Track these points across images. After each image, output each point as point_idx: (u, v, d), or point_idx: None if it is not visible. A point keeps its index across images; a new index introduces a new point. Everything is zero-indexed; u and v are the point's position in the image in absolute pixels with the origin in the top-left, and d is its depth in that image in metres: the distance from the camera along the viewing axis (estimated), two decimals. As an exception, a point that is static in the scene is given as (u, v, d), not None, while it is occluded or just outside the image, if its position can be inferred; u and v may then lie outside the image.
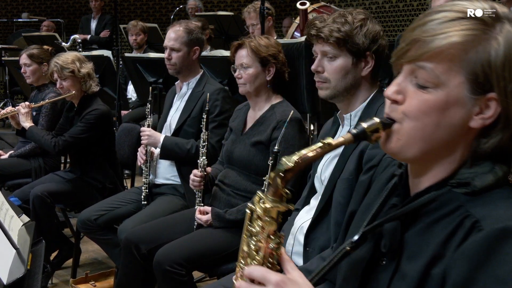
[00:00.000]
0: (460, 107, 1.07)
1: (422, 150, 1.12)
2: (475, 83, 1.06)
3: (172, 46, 3.37)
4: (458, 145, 1.11)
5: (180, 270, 2.61)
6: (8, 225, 1.88)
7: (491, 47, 1.04)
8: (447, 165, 1.13)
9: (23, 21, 10.75)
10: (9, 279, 1.62)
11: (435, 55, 1.06)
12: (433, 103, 1.08)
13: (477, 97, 1.06)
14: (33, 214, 3.65)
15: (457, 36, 1.05)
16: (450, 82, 1.07)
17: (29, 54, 4.48)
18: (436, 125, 1.09)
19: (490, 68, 1.04)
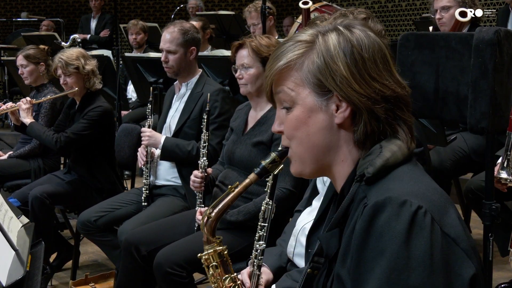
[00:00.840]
0: (318, 112, 1.24)
1: (313, 160, 1.28)
2: (318, 89, 1.23)
3: (168, 48, 3.35)
4: (339, 143, 1.25)
5: (180, 272, 2.61)
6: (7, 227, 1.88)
7: (314, 57, 1.23)
8: (342, 163, 1.27)
9: (22, 21, 10.75)
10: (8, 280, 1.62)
11: (279, 78, 1.27)
12: (296, 118, 1.26)
13: (326, 98, 1.23)
14: (32, 215, 3.65)
15: (287, 58, 1.25)
16: (301, 96, 1.25)
17: (25, 55, 4.47)
18: (308, 135, 1.25)
19: (320, 73, 1.22)
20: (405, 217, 1.09)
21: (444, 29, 3.91)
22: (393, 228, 1.09)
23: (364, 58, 1.22)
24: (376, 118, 1.22)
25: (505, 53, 2.11)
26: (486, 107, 2.11)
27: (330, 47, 1.22)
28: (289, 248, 2.25)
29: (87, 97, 3.90)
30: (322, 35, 1.25)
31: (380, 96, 1.21)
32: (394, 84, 1.24)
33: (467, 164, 3.78)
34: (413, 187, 1.16)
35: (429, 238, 1.09)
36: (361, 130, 1.22)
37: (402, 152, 1.22)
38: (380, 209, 1.11)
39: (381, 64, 1.24)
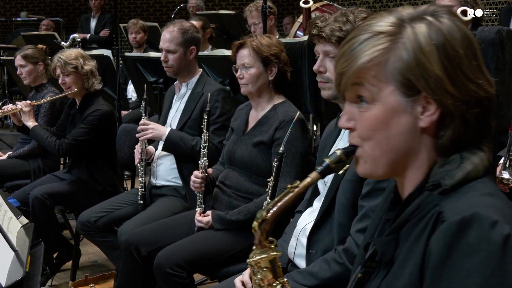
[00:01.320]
0: (402, 113, 1.13)
1: (388, 164, 1.17)
2: (404, 88, 1.11)
3: (168, 48, 3.35)
4: (420, 147, 1.15)
5: (181, 272, 2.61)
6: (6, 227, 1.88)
7: (400, 52, 1.11)
8: (417, 169, 1.17)
9: (22, 20, 10.75)
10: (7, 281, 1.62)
11: (358, 82, 1.14)
12: (375, 119, 1.14)
13: (412, 99, 1.11)
14: (33, 215, 3.66)
15: (369, 54, 1.12)
16: (383, 93, 1.13)
17: (23, 55, 4.48)
18: (388, 138, 1.14)
19: (407, 71, 1.10)
20: (497, 240, 1.00)
21: (446, 28, 3.89)
22: (484, 250, 0.99)
23: (459, 54, 1.09)
24: (466, 124, 1.11)
25: (507, 53, 2.11)
26: (488, 107, 2.10)
27: (421, 41, 1.09)
28: (290, 249, 2.24)
29: (86, 98, 3.91)
30: (409, 26, 1.11)
31: (475, 99, 1.09)
32: (486, 83, 1.12)
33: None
34: (496, 204, 1.06)
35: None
36: (448, 136, 1.11)
37: (483, 165, 1.12)
38: (468, 226, 1.01)
39: (474, 61, 1.11)
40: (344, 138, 2.17)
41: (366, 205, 1.94)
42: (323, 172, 1.26)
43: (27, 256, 1.82)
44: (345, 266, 1.95)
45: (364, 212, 1.94)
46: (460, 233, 1.01)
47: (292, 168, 2.67)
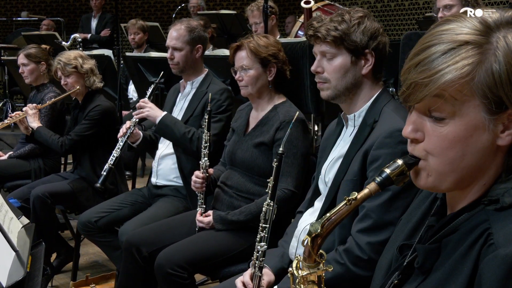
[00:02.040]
0: (482, 130, 1.06)
1: (455, 180, 1.11)
2: (489, 104, 1.04)
3: (174, 45, 3.37)
4: (490, 165, 1.09)
5: (182, 273, 2.61)
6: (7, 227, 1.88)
7: (491, 66, 1.02)
8: (481, 186, 1.11)
9: (23, 20, 10.76)
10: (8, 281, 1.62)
11: (439, 94, 1.05)
12: (453, 136, 1.07)
13: (496, 117, 1.05)
14: (33, 215, 3.66)
15: (458, 70, 1.03)
16: (465, 109, 1.05)
17: (27, 53, 4.50)
18: (463, 155, 1.08)
19: (497, 86, 1.02)
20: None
21: (447, 28, 3.90)
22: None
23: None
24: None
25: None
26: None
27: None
28: (291, 249, 2.24)
29: (88, 96, 3.96)
30: (500, 35, 1.03)
31: None
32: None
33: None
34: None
35: None
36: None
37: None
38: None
39: None
40: (344, 138, 2.17)
41: (366, 205, 1.94)
42: (383, 184, 1.19)
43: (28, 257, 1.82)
44: (346, 266, 1.95)
45: (365, 212, 1.95)
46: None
47: (293, 168, 2.67)
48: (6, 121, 4.21)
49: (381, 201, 1.91)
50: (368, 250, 1.92)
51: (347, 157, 2.07)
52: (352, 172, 2.02)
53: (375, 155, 1.95)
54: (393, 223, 1.89)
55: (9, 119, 4.18)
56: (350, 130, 2.15)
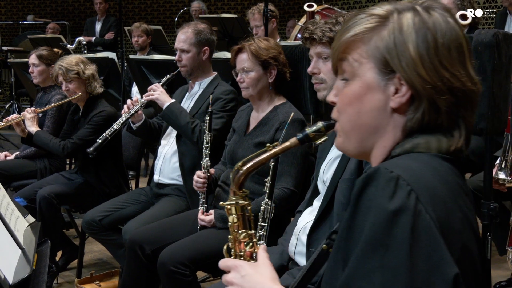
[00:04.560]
0: (376, 90, 1.16)
1: (358, 140, 1.21)
2: (382, 66, 1.15)
3: (181, 47, 3.38)
4: (388, 127, 1.17)
5: (184, 270, 2.61)
6: (14, 226, 1.89)
7: (385, 34, 1.15)
8: (382, 148, 1.19)
9: (29, 24, 10.77)
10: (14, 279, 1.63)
11: (346, 47, 1.19)
12: (351, 93, 1.19)
13: (387, 78, 1.15)
14: (40, 214, 3.66)
15: (358, 29, 1.18)
16: (362, 69, 1.17)
17: (39, 54, 4.50)
18: (359, 112, 1.18)
19: (387, 51, 1.14)
20: (390, 192, 1.03)
21: (443, 31, 3.90)
22: (377, 204, 1.03)
23: (437, 42, 1.13)
24: (436, 110, 1.13)
25: (503, 55, 2.11)
26: (485, 108, 2.11)
27: (403, 26, 1.14)
28: (291, 247, 2.25)
29: (90, 102, 3.92)
30: (398, 13, 1.16)
31: (446, 87, 1.12)
32: (465, 77, 1.14)
33: (466, 165, 3.76)
34: (416, 167, 1.08)
35: (411, 220, 1.01)
36: (417, 118, 1.14)
37: (438, 146, 1.13)
38: (369, 181, 1.06)
39: (455, 53, 1.14)
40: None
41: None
42: (302, 140, 1.37)
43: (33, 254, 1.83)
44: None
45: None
46: (362, 190, 1.06)
47: (293, 168, 2.67)
48: (2, 123, 4.10)
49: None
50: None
51: (344, 156, 2.07)
52: (349, 171, 2.02)
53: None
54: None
55: (4, 121, 4.09)
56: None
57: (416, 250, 1.00)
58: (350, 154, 1.28)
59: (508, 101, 2.18)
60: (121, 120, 3.43)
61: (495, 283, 3.47)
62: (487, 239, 2.25)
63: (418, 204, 1.02)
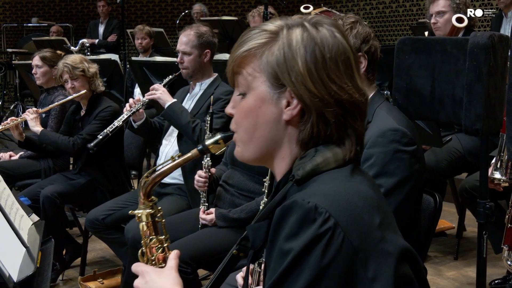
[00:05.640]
0: (269, 103, 1.20)
1: (255, 150, 1.25)
2: (273, 80, 1.19)
3: (184, 50, 3.38)
4: (283, 139, 1.22)
5: (185, 268, 2.61)
6: (18, 225, 1.89)
7: (275, 49, 1.19)
8: (281, 160, 1.24)
9: (33, 26, 10.77)
10: (19, 276, 1.63)
11: (241, 62, 1.23)
12: (247, 107, 1.23)
13: (279, 92, 1.19)
14: (43, 214, 3.66)
15: (251, 45, 1.21)
16: (255, 83, 1.21)
17: (42, 56, 4.50)
18: (255, 125, 1.22)
19: (277, 65, 1.18)
20: (308, 223, 1.07)
21: (439, 33, 3.91)
22: (296, 234, 1.08)
23: (325, 57, 1.17)
24: (325, 122, 1.17)
25: (499, 57, 2.11)
26: (481, 109, 2.10)
27: (292, 41, 1.18)
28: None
29: (93, 100, 3.91)
30: (287, 28, 1.20)
31: (334, 99, 1.16)
32: (352, 89, 1.18)
33: (462, 165, 3.78)
34: (330, 190, 1.13)
35: (324, 245, 1.06)
36: (307, 130, 1.18)
37: (336, 159, 1.18)
38: (287, 213, 1.10)
39: (342, 67, 1.18)
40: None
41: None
42: (202, 151, 1.46)
43: (37, 252, 1.83)
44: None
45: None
46: (281, 219, 1.11)
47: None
48: (0, 126, 4.01)
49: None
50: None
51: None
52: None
53: (368, 153, 1.96)
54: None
55: (3, 125, 4.00)
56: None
57: (328, 272, 1.06)
58: (249, 163, 1.31)
59: (504, 102, 2.18)
60: (123, 117, 3.44)
61: (490, 281, 3.47)
62: (483, 237, 2.25)
63: (337, 228, 1.07)
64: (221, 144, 1.42)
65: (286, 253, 1.07)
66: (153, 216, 1.53)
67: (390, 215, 1.21)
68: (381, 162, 1.92)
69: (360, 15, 9.02)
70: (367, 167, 1.95)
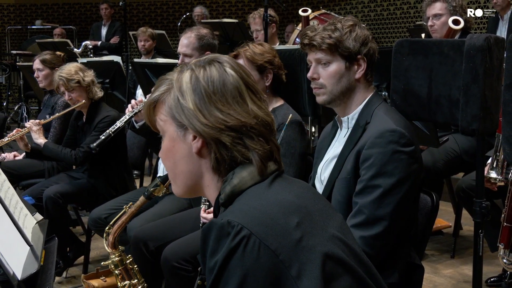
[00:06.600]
0: (179, 142, 1.31)
1: (182, 185, 1.36)
2: (175, 121, 1.31)
3: (184, 52, 3.38)
4: (201, 170, 1.32)
5: (186, 266, 2.62)
6: (22, 223, 1.89)
7: (171, 93, 1.31)
8: (207, 188, 1.33)
9: (37, 28, 10.78)
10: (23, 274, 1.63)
11: (156, 108, 1.35)
12: (165, 148, 1.35)
13: (183, 129, 1.30)
14: (46, 213, 3.66)
15: (157, 93, 1.34)
16: (166, 126, 1.33)
17: (42, 59, 4.50)
18: (175, 162, 1.34)
19: (175, 108, 1.30)
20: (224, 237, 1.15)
21: (435, 35, 3.91)
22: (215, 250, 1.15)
23: (208, 92, 1.27)
24: (224, 146, 1.26)
25: (494, 59, 2.11)
26: (477, 110, 2.11)
27: (182, 84, 1.30)
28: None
29: (92, 107, 3.90)
30: (179, 74, 1.32)
31: (224, 126, 1.26)
32: (242, 113, 1.27)
33: (459, 164, 3.78)
34: (244, 205, 1.21)
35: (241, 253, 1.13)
36: (213, 157, 1.28)
37: (252, 177, 1.26)
38: (207, 234, 1.19)
39: (229, 97, 1.28)
40: (339, 139, 2.18)
41: (359, 202, 1.95)
42: (148, 197, 1.63)
43: (41, 251, 1.83)
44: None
45: (358, 208, 1.95)
46: (204, 240, 1.19)
47: (292, 168, 2.67)
48: (6, 138, 4.01)
49: (373, 198, 1.92)
50: (361, 243, 1.92)
51: (341, 157, 2.07)
52: (346, 171, 2.02)
53: (367, 154, 1.96)
54: (384, 218, 1.91)
55: (9, 137, 4.00)
56: (344, 132, 2.16)
57: (251, 277, 1.12)
58: (183, 196, 1.41)
59: (499, 103, 2.18)
60: (125, 118, 3.43)
61: (486, 279, 3.47)
62: (479, 236, 2.25)
63: (251, 237, 1.14)
64: (160, 186, 1.53)
65: (212, 269, 1.15)
66: (123, 263, 1.69)
67: (319, 215, 1.27)
68: (379, 162, 1.92)
69: (358, 18, 9.02)
70: (366, 167, 1.95)
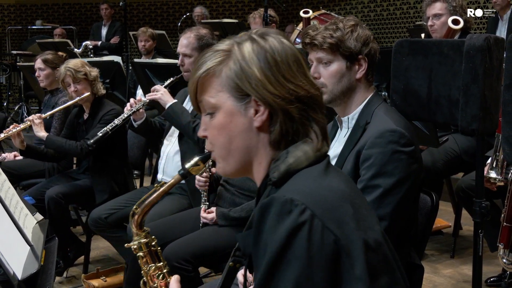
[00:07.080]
0: (238, 116, 1.27)
1: (235, 162, 1.31)
2: (236, 93, 1.26)
3: (184, 52, 3.38)
4: (258, 145, 1.28)
5: (187, 266, 2.61)
6: (23, 223, 1.89)
7: (231, 64, 1.26)
8: (259, 165, 1.30)
9: (37, 28, 10.77)
10: (23, 274, 1.63)
11: (202, 86, 1.30)
12: (218, 124, 1.29)
13: (244, 103, 1.26)
14: (48, 214, 3.65)
15: (209, 65, 1.28)
16: (221, 101, 1.27)
17: (44, 59, 4.50)
18: (230, 139, 1.28)
19: (237, 77, 1.25)
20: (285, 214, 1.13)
21: (435, 35, 3.91)
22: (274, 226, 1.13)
23: (277, 61, 1.25)
24: (291, 118, 1.25)
25: (494, 59, 2.11)
26: (477, 110, 2.10)
27: (245, 53, 1.26)
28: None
29: (96, 103, 3.90)
30: (237, 44, 1.28)
31: (294, 96, 1.24)
32: (307, 85, 1.27)
33: (458, 164, 3.78)
34: (304, 186, 1.19)
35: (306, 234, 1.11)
36: (277, 130, 1.25)
37: (307, 157, 1.24)
38: (266, 209, 1.15)
39: (294, 67, 1.26)
40: (339, 139, 2.18)
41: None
42: (184, 175, 1.48)
43: (41, 251, 1.83)
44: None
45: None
46: (261, 217, 1.16)
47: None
48: (2, 135, 3.89)
49: (373, 198, 1.92)
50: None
51: (342, 156, 2.07)
52: (346, 171, 2.02)
53: (367, 154, 1.96)
54: (384, 218, 1.90)
55: (4, 133, 3.89)
56: (344, 131, 2.16)
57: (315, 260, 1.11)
58: (232, 176, 1.36)
59: (499, 103, 2.18)
60: (123, 116, 3.43)
61: (486, 279, 3.47)
62: (479, 236, 2.25)
63: (314, 218, 1.12)
64: (200, 165, 1.47)
65: (271, 246, 1.12)
66: (148, 245, 1.58)
67: (364, 210, 1.26)
68: (379, 162, 1.92)
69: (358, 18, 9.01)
70: (366, 167, 1.95)
